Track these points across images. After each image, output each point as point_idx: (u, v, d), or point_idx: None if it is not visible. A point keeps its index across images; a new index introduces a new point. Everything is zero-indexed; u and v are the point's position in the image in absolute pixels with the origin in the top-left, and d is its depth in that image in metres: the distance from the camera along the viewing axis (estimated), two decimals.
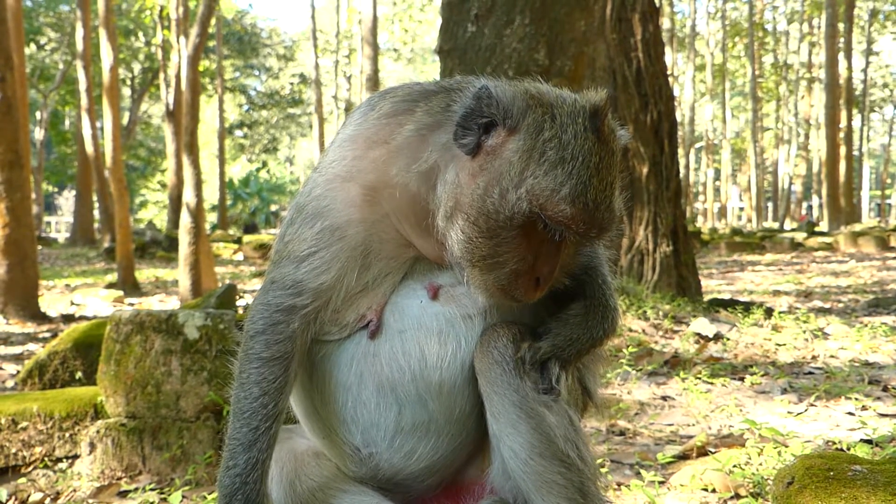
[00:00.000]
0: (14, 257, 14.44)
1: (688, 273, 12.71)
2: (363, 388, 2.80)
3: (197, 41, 17.41)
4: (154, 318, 5.86)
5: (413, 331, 2.77)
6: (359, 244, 2.74)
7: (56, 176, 71.46)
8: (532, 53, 11.96)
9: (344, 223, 2.73)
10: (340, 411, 2.86)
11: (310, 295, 2.76)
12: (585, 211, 2.49)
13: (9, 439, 5.86)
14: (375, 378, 2.78)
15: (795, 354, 9.25)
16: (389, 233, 2.77)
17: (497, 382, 2.68)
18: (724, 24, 72.90)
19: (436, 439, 2.80)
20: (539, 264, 2.61)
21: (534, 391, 2.68)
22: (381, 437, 2.82)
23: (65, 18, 57.24)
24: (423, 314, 2.78)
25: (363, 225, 2.74)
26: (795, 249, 35.13)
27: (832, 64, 50.03)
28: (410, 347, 2.76)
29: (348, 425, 2.86)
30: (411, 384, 2.75)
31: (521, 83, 2.68)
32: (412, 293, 2.82)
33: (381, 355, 2.78)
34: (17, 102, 14.68)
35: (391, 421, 2.80)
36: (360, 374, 2.81)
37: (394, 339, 2.77)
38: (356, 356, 2.81)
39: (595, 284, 2.87)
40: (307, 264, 2.75)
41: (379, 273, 2.81)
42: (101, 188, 39.39)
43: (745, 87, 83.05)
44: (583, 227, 2.52)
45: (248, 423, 2.77)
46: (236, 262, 33.86)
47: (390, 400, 2.78)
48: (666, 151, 12.48)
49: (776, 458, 5.02)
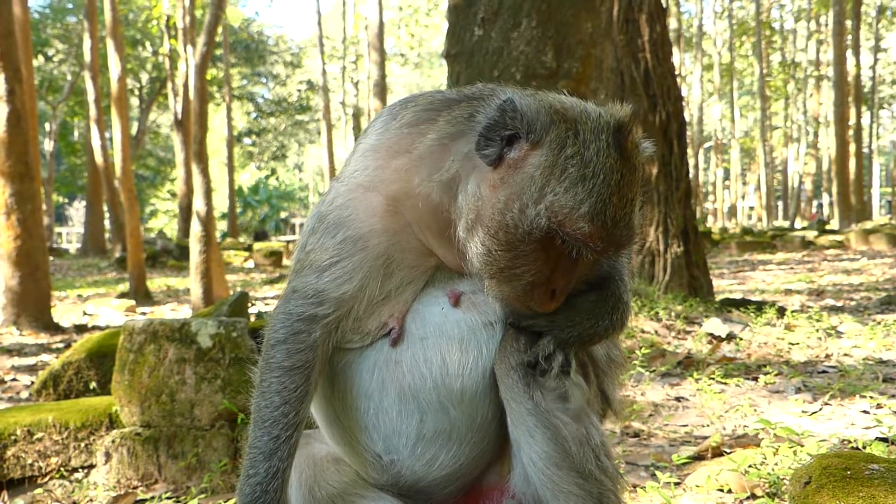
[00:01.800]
0: (26, 268, 14.47)
1: (699, 273, 12.68)
2: (385, 396, 2.80)
3: (204, 50, 17.46)
4: (167, 327, 5.87)
5: (435, 338, 2.77)
6: (381, 254, 2.74)
7: (66, 187, 71.66)
8: (539, 56, 11.97)
9: (366, 233, 2.73)
10: (362, 419, 2.85)
11: (332, 304, 2.76)
12: (604, 229, 2.50)
13: (24, 450, 5.88)
14: (397, 385, 2.78)
15: (809, 353, 9.23)
16: (411, 242, 2.77)
17: (513, 388, 2.68)
18: (731, 23, 72.86)
19: (458, 447, 2.79)
20: (556, 277, 2.62)
21: (549, 397, 2.68)
22: (402, 445, 2.81)
23: (72, 30, 57.38)
24: (444, 321, 2.78)
25: (385, 235, 2.74)
26: (806, 248, 35.04)
27: (840, 61, 49.96)
28: (432, 355, 2.76)
29: (370, 433, 2.85)
30: (433, 392, 2.75)
31: (546, 96, 2.69)
32: (434, 300, 2.82)
33: (402, 363, 2.77)
34: (26, 114, 14.72)
35: (413, 428, 2.79)
36: (381, 381, 2.80)
37: (415, 346, 2.77)
38: (378, 363, 2.81)
39: (611, 280, 2.87)
40: (329, 274, 2.75)
41: (401, 282, 2.81)
42: (112, 198, 39.52)
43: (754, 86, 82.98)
44: (601, 245, 2.53)
45: (268, 432, 2.76)
46: (247, 270, 33.89)
47: (412, 407, 2.78)
48: (675, 152, 12.46)
49: (792, 458, 5.00)
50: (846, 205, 48.98)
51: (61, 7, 60.46)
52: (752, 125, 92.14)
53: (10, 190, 14.25)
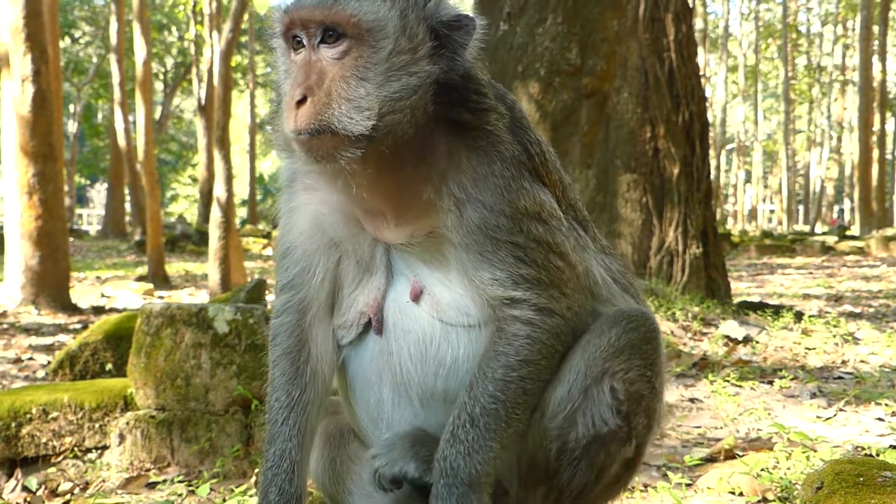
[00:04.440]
0: (46, 249, 14.56)
1: (717, 275, 12.63)
2: (383, 387, 2.88)
3: (230, 36, 17.50)
4: (184, 312, 5.89)
5: (408, 332, 2.83)
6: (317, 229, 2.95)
7: (88, 169, 71.99)
8: (564, 52, 11.95)
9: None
10: (367, 408, 2.96)
11: (290, 289, 2.96)
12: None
13: (39, 429, 5.91)
14: (390, 377, 2.86)
15: (825, 359, 9.19)
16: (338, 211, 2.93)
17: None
18: (757, 25, 72.58)
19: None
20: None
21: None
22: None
23: (99, 12, 57.64)
24: (408, 316, 2.85)
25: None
26: (826, 253, 34.86)
27: (866, 66, 49.61)
28: (413, 348, 2.82)
29: (376, 422, 2.95)
30: (419, 386, 2.84)
31: None
32: (401, 291, 2.87)
33: (393, 354, 2.85)
34: (51, 95, 14.80)
35: (406, 420, 2.88)
36: (378, 372, 2.88)
37: (399, 338, 2.84)
38: (374, 355, 2.89)
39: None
40: (283, 263, 2.99)
41: (351, 258, 2.92)
42: (133, 181, 39.65)
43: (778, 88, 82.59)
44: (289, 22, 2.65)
45: (270, 419, 2.97)
46: (265, 257, 33.97)
47: (405, 399, 2.86)
48: (697, 152, 12.41)
49: (805, 463, 4.99)
50: (867, 211, 48.65)
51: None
52: (776, 128, 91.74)
53: (34, 170, 14.33)
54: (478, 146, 2.67)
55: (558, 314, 2.70)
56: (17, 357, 10.32)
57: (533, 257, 2.66)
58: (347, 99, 2.53)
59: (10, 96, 14.54)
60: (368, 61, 2.55)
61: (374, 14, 2.55)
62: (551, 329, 2.70)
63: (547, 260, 2.68)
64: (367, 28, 2.54)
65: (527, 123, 2.85)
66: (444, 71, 2.62)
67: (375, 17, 2.55)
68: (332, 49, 2.57)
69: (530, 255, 2.66)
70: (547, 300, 2.68)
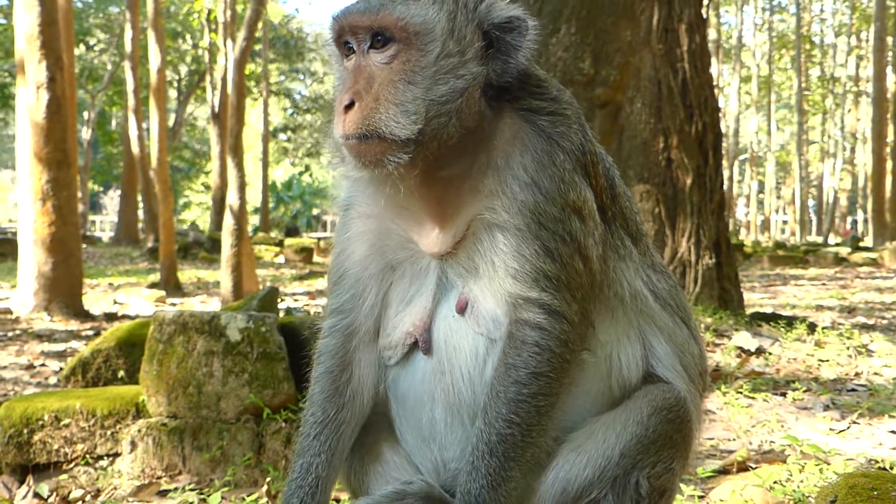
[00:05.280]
0: (59, 255, 14.61)
1: (730, 286, 12.59)
2: (436, 407, 2.86)
3: (244, 45, 17.55)
4: (197, 319, 5.90)
5: (461, 350, 2.81)
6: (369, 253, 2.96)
7: (102, 175, 72.22)
8: (577, 62, 11.94)
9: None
10: (418, 428, 2.94)
11: (338, 314, 2.98)
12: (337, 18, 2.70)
13: (51, 436, 5.92)
14: (444, 396, 2.84)
15: (838, 371, 9.15)
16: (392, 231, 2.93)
17: None
18: (770, 35, 72.48)
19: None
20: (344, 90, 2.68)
21: None
22: (455, 455, 2.87)
23: (114, 20, 57.80)
24: (456, 331, 2.82)
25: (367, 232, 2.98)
26: (839, 264, 34.72)
27: (880, 77, 49.53)
28: (464, 366, 2.80)
29: (427, 442, 2.93)
30: (470, 406, 2.81)
31: None
32: (447, 309, 2.84)
33: (446, 373, 2.83)
34: (65, 102, 14.87)
35: (458, 440, 2.85)
36: (431, 392, 2.86)
37: (451, 356, 2.82)
38: (426, 375, 2.87)
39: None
40: (334, 289, 3.00)
41: (401, 280, 2.92)
42: (146, 188, 39.79)
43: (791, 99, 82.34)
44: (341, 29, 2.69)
45: (303, 432, 2.95)
46: (277, 265, 34.01)
47: (457, 420, 2.84)
48: (710, 163, 12.38)
49: (818, 476, 4.97)
50: (881, 222, 48.47)
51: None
52: (789, 139, 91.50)
53: (47, 176, 14.39)
54: (545, 132, 2.67)
55: (567, 319, 2.66)
56: (29, 363, 10.36)
57: (560, 252, 2.62)
58: (395, 103, 2.54)
59: (25, 103, 14.62)
60: (416, 65, 2.57)
61: (422, 17, 2.56)
62: (559, 335, 2.66)
63: (571, 258, 2.64)
64: (414, 31, 2.56)
65: (583, 120, 2.84)
66: (498, 73, 2.63)
67: (422, 19, 2.56)
68: (380, 54, 2.59)
69: (559, 250, 2.62)
70: (559, 301, 2.64)
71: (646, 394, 2.85)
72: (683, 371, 2.97)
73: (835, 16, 76.44)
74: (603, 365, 2.86)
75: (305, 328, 6.27)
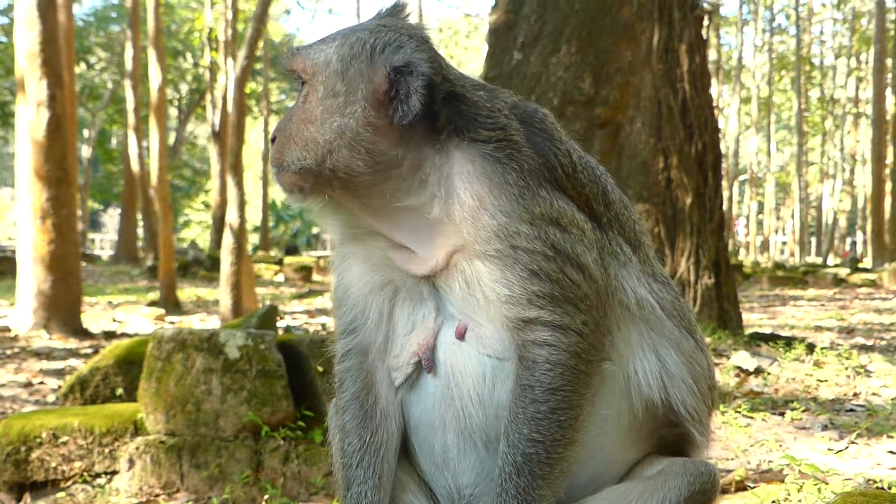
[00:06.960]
0: (58, 273, 14.59)
1: (729, 306, 12.60)
2: (447, 433, 2.86)
3: (244, 63, 17.59)
4: (196, 337, 5.90)
5: (467, 373, 2.81)
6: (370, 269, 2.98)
7: (102, 194, 72.28)
8: (577, 82, 11.98)
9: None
10: (431, 454, 2.94)
11: (349, 333, 2.98)
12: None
13: (49, 453, 5.91)
14: (454, 422, 2.83)
15: (837, 391, 9.14)
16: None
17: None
18: (770, 57, 72.61)
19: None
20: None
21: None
22: (470, 481, 2.89)
23: (115, 38, 57.95)
24: (460, 355, 2.82)
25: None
26: (838, 285, 34.71)
27: (880, 99, 49.64)
28: (473, 390, 2.80)
29: (441, 469, 2.93)
30: (482, 430, 2.81)
31: None
32: (449, 331, 2.84)
33: (455, 398, 2.82)
34: (65, 120, 14.89)
35: (472, 466, 2.87)
36: (442, 418, 2.86)
37: (459, 381, 2.82)
38: (437, 400, 2.87)
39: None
40: (340, 310, 3.02)
41: (405, 301, 2.92)
42: (146, 207, 39.80)
43: (791, 120, 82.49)
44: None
45: (345, 463, 2.94)
46: (277, 284, 33.97)
47: (469, 445, 2.84)
48: (710, 183, 12.41)
49: (816, 496, 4.95)
50: (880, 243, 48.47)
51: (105, 15, 61.11)
52: (788, 160, 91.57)
53: (47, 194, 14.39)
54: (493, 156, 2.67)
55: (574, 331, 2.64)
56: (27, 381, 10.33)
57: (547, 270, 2.60)
58: (294, 138, 2.72)
59: (25, 120, 14.63)
60: (311, 103, 2.73)
61: (317, 60, 2.76)
62: (569, 348, 2.63)
63: (562, 273, 2.62)
64: (312, 73, 2.75)
65: (555, 135, 2.81)
66: (400, 114, 2.66)
67: (315, 62, 2.76)
68: (300, 94, 2.80)
69: (544, 268, 2.60)
70: (560, 316, 2.63)
71: (686, 469, 2.86)
72: (694, 384, 2.95)
73: (835, 37, 76.64)
74: (622, 380, 2.85)
75: (304, 346, 6.28)
